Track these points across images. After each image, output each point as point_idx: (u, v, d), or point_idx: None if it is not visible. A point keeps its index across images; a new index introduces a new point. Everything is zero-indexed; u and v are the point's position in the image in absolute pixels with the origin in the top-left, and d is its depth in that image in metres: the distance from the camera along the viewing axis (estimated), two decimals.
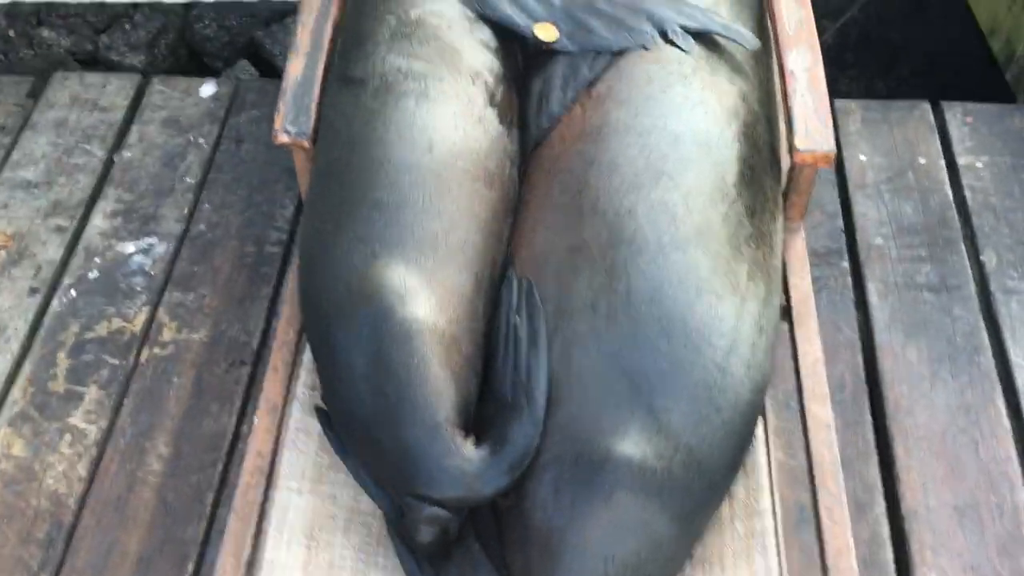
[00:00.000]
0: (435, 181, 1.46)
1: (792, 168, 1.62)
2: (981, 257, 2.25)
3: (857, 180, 2.40)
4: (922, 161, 2.44)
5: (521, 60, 1.73)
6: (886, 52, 3.06)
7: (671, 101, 1.55)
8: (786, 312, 1.63)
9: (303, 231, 1.59)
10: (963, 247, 2.27)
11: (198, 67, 4.01)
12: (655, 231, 1.40)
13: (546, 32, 1.68)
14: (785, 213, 1.66)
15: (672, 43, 1.62)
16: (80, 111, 2.60)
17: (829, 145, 1.56)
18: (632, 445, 1.31)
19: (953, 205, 2.35)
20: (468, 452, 1.32)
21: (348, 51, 1.64)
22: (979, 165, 2.42)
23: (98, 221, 2.38)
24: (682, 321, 1.35)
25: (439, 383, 1.35)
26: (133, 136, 2.55)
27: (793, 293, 1.63)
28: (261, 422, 1.51)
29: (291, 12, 4.26)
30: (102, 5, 4.21)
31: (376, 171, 1.47)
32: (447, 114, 1.53)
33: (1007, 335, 2.11)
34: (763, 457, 1.47)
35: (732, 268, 1.42)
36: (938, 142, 2.48)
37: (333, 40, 1.73)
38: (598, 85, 1.62)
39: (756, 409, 1.44)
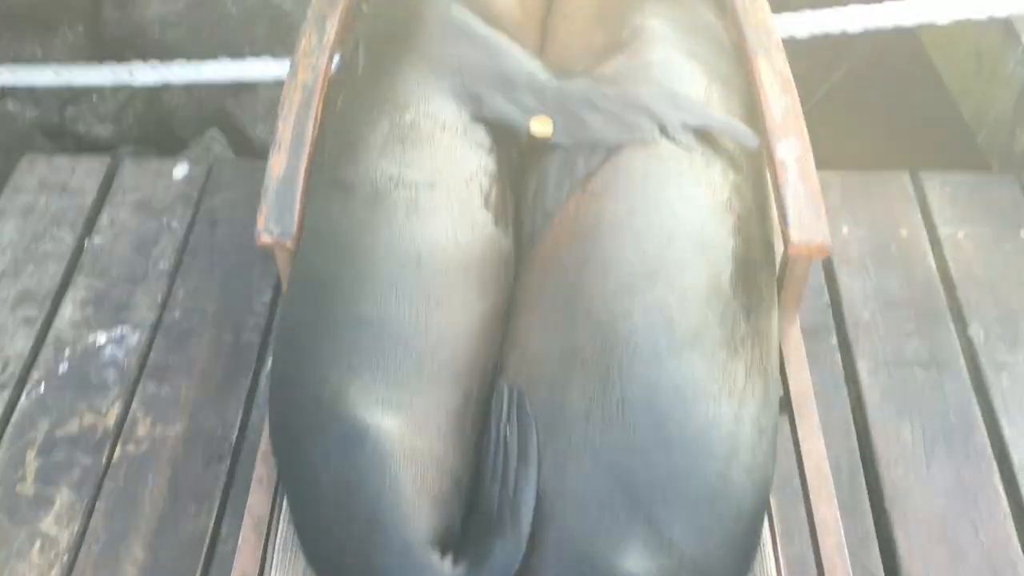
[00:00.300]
0: (423, 297, 1.41)
1: (786, 259, 1.59)
2: (969, 331, 2.24)
3: (841, 254, 2.39)
4: (904, 233, 2.44)
5: (516, 155, 1.70)
6: (865, 120, 3.08)
7: (667, 198, 1.53)
8: (785, 404, 1.59)
9: (277, 339, 1.53)
10: (950, 320, 2.26)
11: (167, 137, 3.97)
12: (650, 335, 1.37)
13: (542, 126, 1.66)
14: (779, 304, 1.64)
15: (672, 139, 1.60)
16: (49, 195, 2.54)
17: (824, 236, 1.54)
18: (633, 562, 1.26)
19: (938, 277, 2.34)
20: (444, 573, 1.26)
21: (338, 153, 1.60)
22: (961, 236, 2.42)
23: (68, 311, 2.30)
24: (680, 429, 1.31)
25: (412, 506, 1.29)
26: (104, 220, 2.49)
27: (792, 386, 1.59)
28: (246, 539, 1.44)
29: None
30: None
31: (361, 285, 1.42)
32: (438, 225, 1.49)
33: (1000, 411, 2.09)
34: (771, 562, 1.43)
35: (729, 370, 1.38)
36: (919, 213, 2.48)
37: (316, 135, 1.69)
38: (593, 180, 1.59)
39: (761, 515, 1.39)
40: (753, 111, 1.78)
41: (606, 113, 1.64)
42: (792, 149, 1.64)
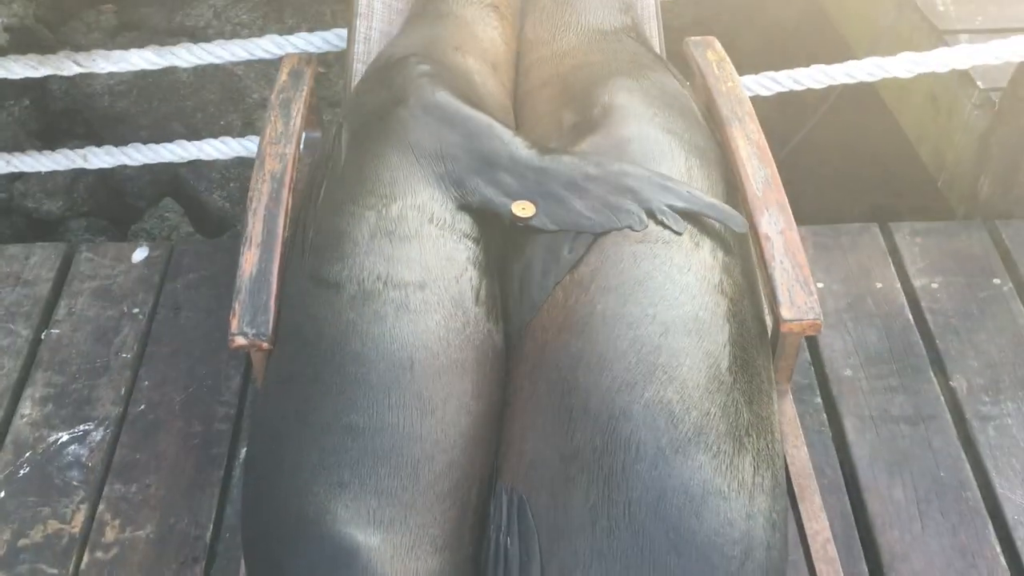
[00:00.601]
0: (417, 402, 1.35)
1: (777, 335, 1.56)
2: (951, 383, 2.23)
3: None
4: (879, 285, 2.43)
5: (501, 240, 1.66)
6: (829, 172, 3.10)
7: (658, 286, 1.48)
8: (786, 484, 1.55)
9: (254, 445, 1.46)
10: (932, 373, 2.25)
11: (121, 208, 3.87)
12: (653, 434, 1.32)
13: (524, 209, 1.62)
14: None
15: (661, 223, 1.56)
16: (2, 287, 2.43)
17: (815, 313, 1.52)
18: None
19: (916, 330, 2.34)
20: None
21: (322, 249, 1.54)
22: (935, 286, 2.43)
23: (27, 409, 2.20)
24: (690, 532, 1.26)
25: None
26: (61, 311, 2.39)
27: (791, 465, 1.56)
28: None
29: None
30: (16, 147, 4.06)
31: (351, 391, 1.35)
32: (430, 326, 1.43)
33: (990, 465, 2.07)
34: None
35: (736, 464, 1.33)
36: (892, 265, 2.49)
37: (293, 227, 1.63)
38: (581, 268, 1.54)
39: None
40: (732, 181, 1.76)
41: (590, 196, 1.60)
42: (775, 222, 1.62)
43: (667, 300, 1.47)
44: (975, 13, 3.02)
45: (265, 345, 1.51)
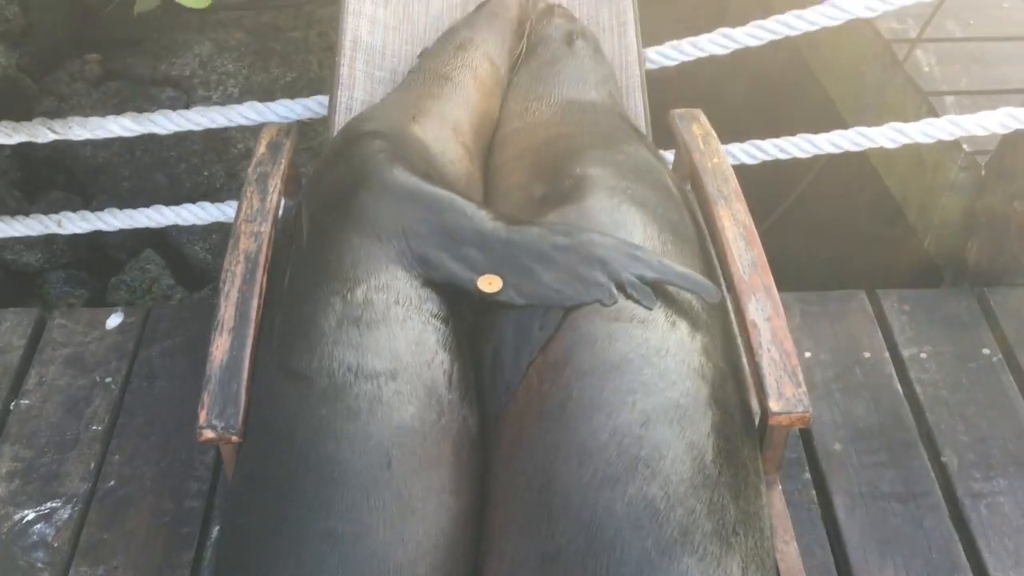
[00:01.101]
0: (397, 503, 1.30)
1: (765, 425, 1.52)
2: (942, 458, 2.19)
3: (806, 381, 2.26)
4: (867, 355, 2.40)
5: (471, 318, 1.62)
6: (818, 233, 3.08)
7: (636, 370, 1.44)
8: None
9: (223, 548, 1.39)
10: (922, 448, 2.21)
11: (101, 261, 3.81)
12: (637, 534, 1.27)
13: (490, 284, 1.58)
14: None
15: (631, 297, 1.52)
16: None
17: (804, 405, 1.48)
18: None
19: (905, 402, 2.30)
20: None
21: (289, 338, 1.49)
22: (923, 356, 2.39)
23: None
24: None
25: None
26: (32, 380, 2.33)
27: (781, 562, 1.51)
28: None
29: (199, 197, 4.12)
30: None
31: (327, 494, 1.30)
32: (405, 419, 1.38)
33: (982, 545, 2.02)
34: None
35: (724, 565, 1.29)
36: (880, 333, 2.45)
37: (262, 313, 1.58)
38: (553, 347, 1.50)
39: None
40: (708, 259, 1.73)
41: (558, 267, 1.56)
42: (762, 308, 1.58)
43: (646, 386, 1.43)
44: (960, 74, 3.02)
45: (235, 439, 1.45)
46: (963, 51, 3.09)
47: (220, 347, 1.52)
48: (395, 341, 1.47)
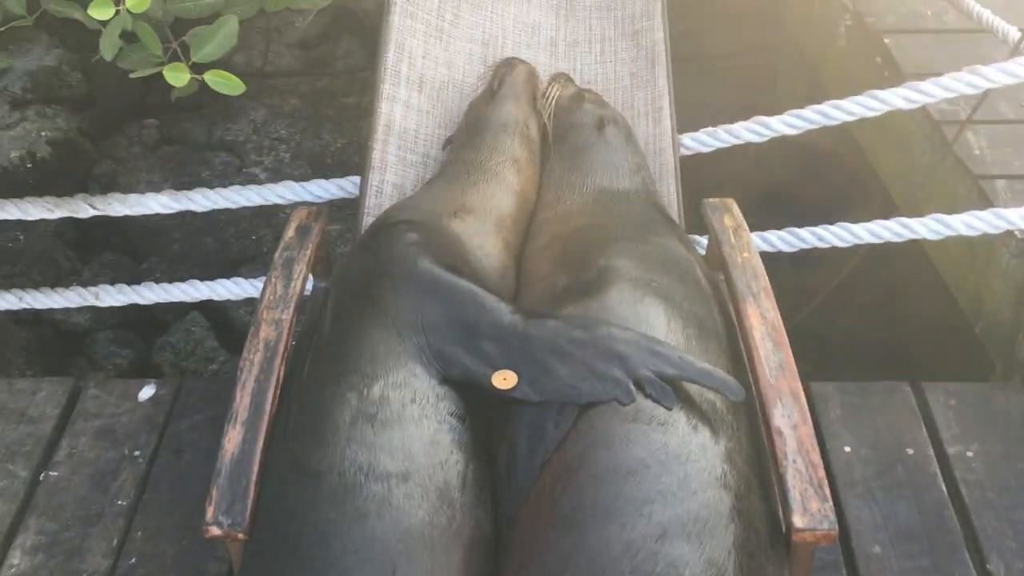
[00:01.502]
0: None
1: (790, 542, 1.45)
2: (988, 566, 2.07)
3: (845, 478, 2.24)
4: (910, 452, 2.30)
5: (487, 414, 1.59)
6: (861, 322, 3.00)
7: (654, 478, 1.39)
8: None
9: None
10: (966, 553, 2.10)
11: (147, 322, 3.88)
12: None
13: (505, 380, 1.55)
14: None
15: (650, 396, 1.48)
16: (5, 423, 2.40)
17: (830, 522, 1.40)
18: None
19: (950, 503, 2.19)
20: None
21: (302, 430, 1.48)
22: (970, 454, 2.29)
23: (16, 559, 2.13)
24: None
25: None
26: (62, 451, 2.35)
27: None
28: None
29: (247, 261, 4.19)
30: (49, 260, 4.12)
31: None
32: (414, 524, 1.35)
33: None
34: None
35: None
36: (924, 429, 2.35)
37: (277, 403, 1.57)
38: (568, 448, 1.46)
39: None
40: (735, 357, 1.67)
41: (575, 362, 1.52)
42: (789, 415, 1.52)
43: (664, 496, 1.37)
44: (1012, 158, 2.94)
45: (241, 536, 1.43)
46: (1015, 134, 3.01)
47: (232, 440, 1.51)
48: (409, 441, 1.45)
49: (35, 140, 4.30)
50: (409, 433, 1.46)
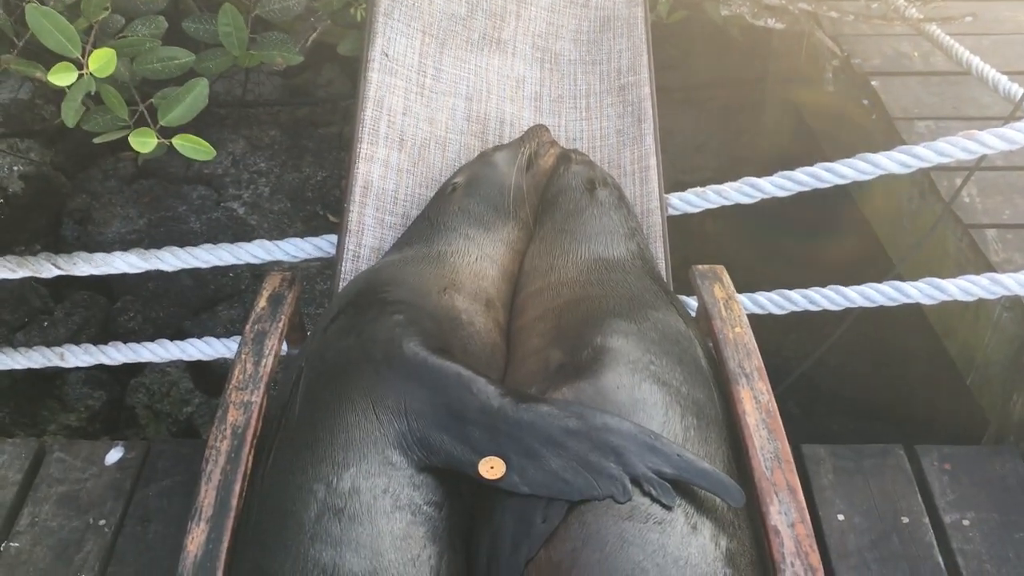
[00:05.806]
0: None
1: None
2: None
3: (838, 548, 2.17)
4: (905, 520, 2.23)
5: (469, 499, 1.50)
6: (852, 380, 2.93)
7: None
8: None
9: None
10: None
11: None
12: None
13: (492, 469, 1.46)
14: None
15: (648, 495, 1.40)
16: None
17: None
18: None
19: (946, 575, 2.13)
20: None
21: (265, 526, 1.39)
22: (966, 523, 2.22)
23: None
24: None
25: None
26: (24, 520, 2.24)
27: None
28: None
29: (223, 299, 4.10)
30: (20, 299, 4.01)
31: None
32: None
33: None
34: None
35: None
36: (919, 495, 2.29)
37: (244, 498, 1.48)
38: (557, 546, 1.38)
39: None
40: (736, 444, 1.60)
41: (568, 454, 1.44)
42: (786, 513, 1.45)
43: None
44: (1003, 206, 2.89)
45: None
46: (1005, 182, 2.97)
47: (195, 540, 1.42)
48: (378, 537, 1.36)
49: (7, 175, 4.19)
50: (379, 528, 1.37)
